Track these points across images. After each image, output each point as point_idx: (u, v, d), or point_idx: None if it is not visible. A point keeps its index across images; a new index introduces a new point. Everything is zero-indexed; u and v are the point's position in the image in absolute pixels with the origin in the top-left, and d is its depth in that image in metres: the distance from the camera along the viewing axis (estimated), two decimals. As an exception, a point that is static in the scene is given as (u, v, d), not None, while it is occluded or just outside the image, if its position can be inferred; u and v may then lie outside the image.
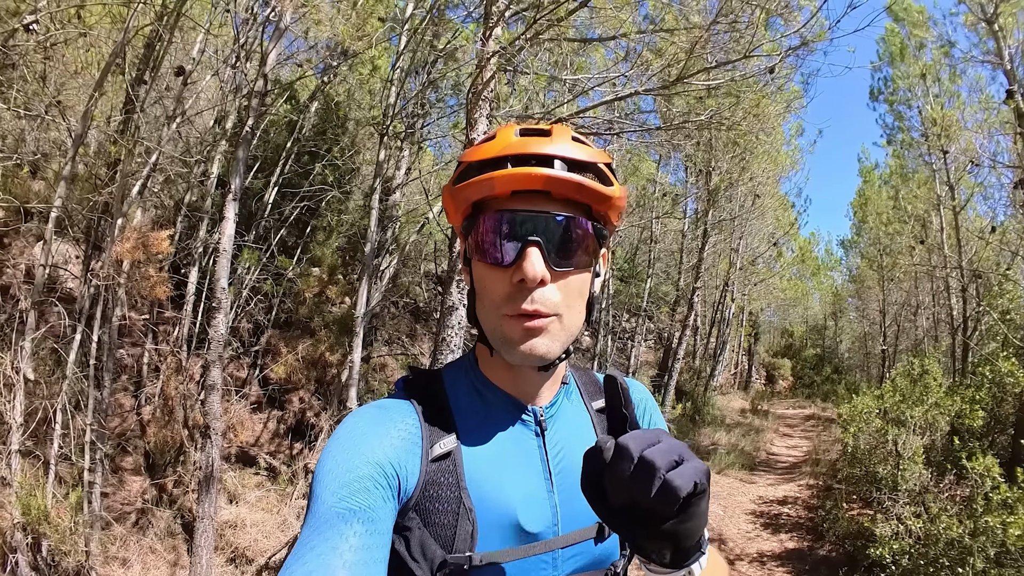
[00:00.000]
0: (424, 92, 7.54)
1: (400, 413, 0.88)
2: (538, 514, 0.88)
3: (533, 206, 0.84)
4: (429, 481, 0.83)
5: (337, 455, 0.80)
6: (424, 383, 0.95)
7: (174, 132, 7.04)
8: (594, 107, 6.28)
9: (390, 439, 0.84)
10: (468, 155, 0.87)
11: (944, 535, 5.32)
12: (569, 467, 0.93)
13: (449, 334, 5.43)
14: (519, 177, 0.82)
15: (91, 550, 5.39)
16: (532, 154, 0.82)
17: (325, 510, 0.74)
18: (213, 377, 5.29)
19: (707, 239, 12.67)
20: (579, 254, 0.86)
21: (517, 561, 0.85)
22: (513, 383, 0.93)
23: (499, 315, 0.85)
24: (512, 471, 0.89)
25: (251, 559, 6.10)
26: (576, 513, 0.90)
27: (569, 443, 0.95)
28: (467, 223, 0.88)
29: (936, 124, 10.92)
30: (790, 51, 5.61)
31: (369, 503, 0.76)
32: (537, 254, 0.82)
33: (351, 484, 0.76)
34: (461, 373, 0.97)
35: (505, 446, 0.90)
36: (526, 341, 0.83)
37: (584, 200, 0.85)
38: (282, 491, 6.93)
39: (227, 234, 5.27)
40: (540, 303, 0.82)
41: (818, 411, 19.19)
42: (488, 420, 0.92)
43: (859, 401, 7.98)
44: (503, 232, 0.84)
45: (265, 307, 8.57)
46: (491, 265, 0.85)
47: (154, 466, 6.69)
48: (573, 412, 1.00)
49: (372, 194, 6.96)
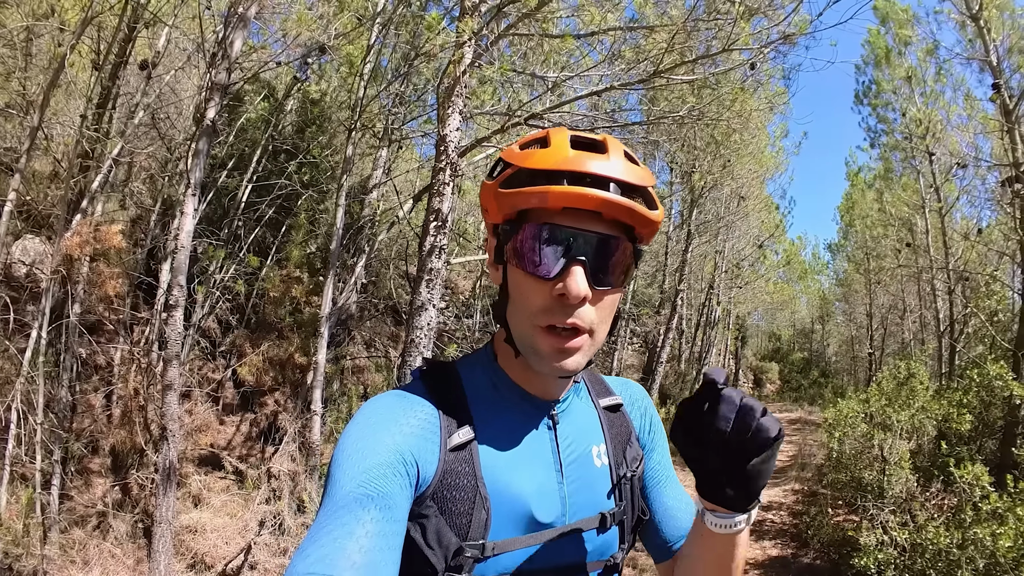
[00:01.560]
0: (401, 87, 7.39)
1: (418, 402, 0.90)
2: (549, 505, 0.92)
3: (582, 224, 0.84)
4: (447, 471, 0.85)
5: (357, 440, 0.82)
6: (440, 374, 0.97)
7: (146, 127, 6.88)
8: (571, 101, 6.15)
9: (409, 427, 0.86)
10: (519, 159, 0.87)
11: (931, 545, 5.16)
12: (578, 459, 0.98)
13: (418, 335, 5.28)
14: (575, 196, 0.82)
15: (48, 553, 5.24)
16: (588, 173, 0.82)
17: (343, 495, 0.75)
18: (170, 376, 5.11)
19: (691, 241, 12.56)
20: (618, 274, 0.88)
21: (527, 548, 0.89)
22: (530, 381, 0.96)
23: (532, 324, 0.87)
24: (526, 463, 0.92)
25: (210, 565, 5.91)
26: (582, 504, 0.95)
27: (578, 437, 0.99)
28: (508, 226, 0.89)
29: (921, 125, 10.86)
30: (770, 44, 5.51)
31: (386, 489, 0.77)
32: (581, 273, 0.83)
33: (369, 470, 0.78)
34: (478, 367, 0.99)
35: (519, 439, 0.94)
36: (559, 359, 0.86)
37: (631, 223, 0.87)
38: (247, 495, 6.73)
39: (185, 230, 5.08)
40: (578, 319, 0.85)
41: (805, 415, 19.11)
42: (503, 413, 0.95)
43: (844, 405, 7.85)
44: (550, 246, 0.85)
45: (235, 307, 8.38)
46: (531, 275, 0.86)
47: (118, 468, 6.50)
48: (582, 409, 1.04)
49: (339, 190, 6.80)
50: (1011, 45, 8.34)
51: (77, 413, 6.30)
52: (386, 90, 7.38)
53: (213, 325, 8.26)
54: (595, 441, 1.01)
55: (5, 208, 5.17)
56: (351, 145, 6.87)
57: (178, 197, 7.57)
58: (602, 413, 1.06)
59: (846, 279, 22.21)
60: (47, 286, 5.35)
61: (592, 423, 1.03)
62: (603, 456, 1.01)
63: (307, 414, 6.66)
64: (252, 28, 6.85)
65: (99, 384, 6.86)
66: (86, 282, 5.85)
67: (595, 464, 0.99)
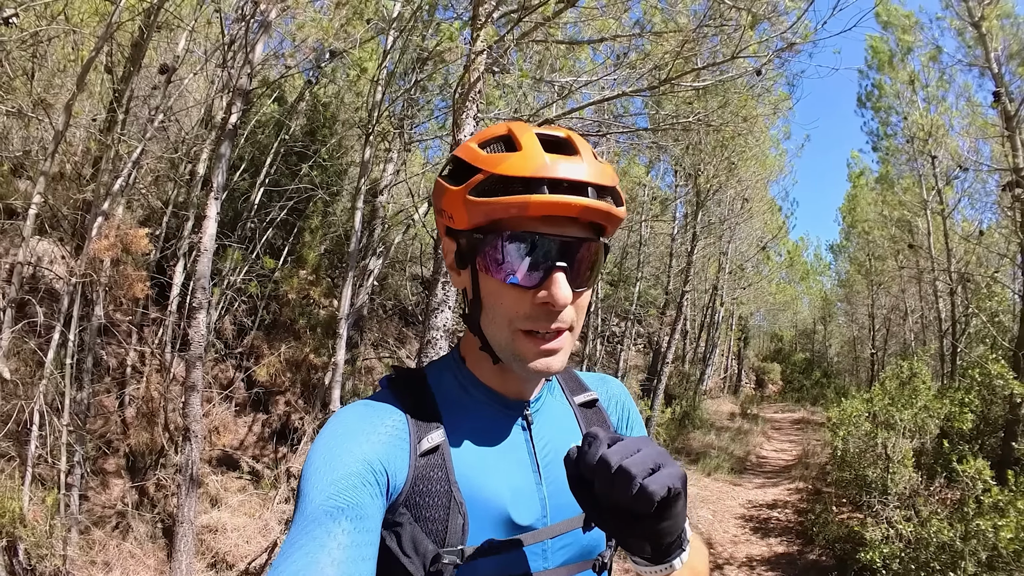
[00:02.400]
0: (412, 92, 7.49)
1: (386, 410, 0.89)
2: (528, 506, 0.89)
3: (561, 230, 0.84)
4: (418, 476, 0.84)
5: (324, 453, 0.80)
6: (409, 380, 0.96)
7: (159, 130, 6.96)
8: (582, 108, 6.26)
9: (377, 436, 0.84)
10: (488, 163, 0.84)
11: (935, 539, 5.27)
12: (556, 460, 0.95)
13: (434, 336, 5.36)
14: (557, 205, 0.80)
15: (69, 554, 5.30)
16: (566, 179, 0.81)
17: (313, 508, 0.74)
18: (193, 378, 5.20)
19: (696, 243, 12.66)
20: (593, 273, 0.89)
21: (508, 553, 0.86)
22: (503, 382, 0.95)
23: (512, 330, 0.86)
24: (501, 464, 0.90)
25: (232, 564, 5.99)
26: (564, 504, 0.92)
27: (554, 436, 0.98)
28: (480, 235, 0.86)
29: (924, 130, 10.97)
30: (776, 52, 5.61)
31: (357, 500, 0.76)
32: (564, 279, 0.83)
33: (339, 482, 0.77)
34: (446, 371, 0.98)
35: (493, 440, 0.92)
36: (542, 360, 0.86)
37: (603, 223, 0.87)
38: (264, 495, 6.82)
39: (208, 233, 5.19)
40: (562, 321, 0.85)
41: (807, 415, 19.23)
42: (475, 415, 0.93)
43: (848, 404, 7.96)
44: (531, 255, 0.83)
45: (250, 308, 8.47)
46: (510, 285, 0.85)
47: (135, 469, 6.58)
48: (557, 407, 1.02)
49: (357, 194, 6.90)
50: (1011, 51, 8.46)
51: (91, 414, 6.37)
52: (401, 95, 7.47)
53: (228, 326, 8.36)
54: (572, 439, 0.98)
55: (31, 212, 5.26)
56: (368, 148, 6.97)
57: (190, 199, 7.66)
58: (577, 410, 1.04)
59: (848, 280, 22.29)
60: (73, 288, 5.43)
61: (568, 421, 1.02)
62: None
63: (325, 414, 6.76)
64: (276, 39, 6.96)
65: (111, 386, 6.94)
66: (108, 284, 5.93)
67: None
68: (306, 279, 8.43)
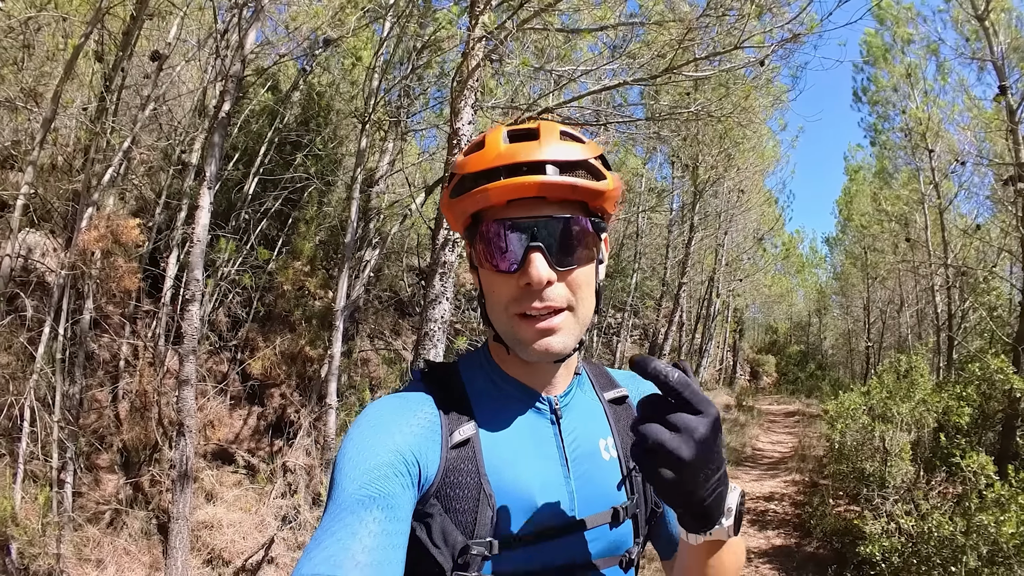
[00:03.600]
0: (409, 81, 7.38)
1: (419, 402, 0.91)
2: (556, 499, 0.90)
3: (531, 212, 0.86)
4: (449, 468, 0.85)
5: (358, 443, 0.82)
6: (441, 374, 0.98)
7: (151, 119, 6.84)
8: (580, 97, 6.17)
9: (410, 427, 0.86)
10: (461, 166, 0.89)
11: (936, 533, 5.26)
12: (584, 454, 0.96)
13: (431, 328, 5.30)
14: (512, 187, 0.83)
15: (63, 552, 5.24)
16: (523, 162, 0.83)
17: (345, 497, 0.76)
18: (187, 371, 5.12)
19: (693, 234, 12.62)
20: (580, 250, 0.88)
21: (536, 545, 0.87)
22: (529, 375, 0.96)
23: (509, 315, 0.88)
24: (530, 458, 0.91)
25: (228, 560, 5.92)
26: (592, 498, 0.93)
27: (583, 431, 0.98)
28: (469, 232, 0.91)
29: (921, 123, 10.93)
30: (780, 44, 5.53)
31: (389, 490, 0.77)
32: (540, 258, 0.84)
33: (371, 472, 0.78)
34: (476, 366, 1.00)
35: (522, 434, 0.93)
36: (540, 341, 0.86)
37: (579, 198, 0.87)
38: (260, 489, 6.75)
39: (201, 223, 5.09)
40: (550, 300, 0.85)
41: (802, 407, 19.25)
42: (505, 409, 0.95)
43: (846, 398, 7.95)
44: (504, 240, 0.86)
45: (244, 300, 8.37)
46: (497, 272, 0.87)
47: (129, 464, 6.50)
48: (586, 402, 1.03)
49: (353, 185, 6.80)
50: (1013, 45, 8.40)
51: (84, 409, 6.28)
52: (397, 83, 7.37)
53: (223, 318, 8.26)
54: (602, 434, 1.00)
55: (18, 202, 5.15)
56: (364, 138, 6.87)
57: (184, 189, 7.54)
58: (607, 406, 1.05)
59: (843, 273, 22.34)
60: (63, 282, 5.33)
61: (597, 416, 1.02)
62: (611, 449, 1.00)
63: (321, 407, 6.68)
64: (270, 26, 6.84)
65: (105, 380, 6.84)
66: (99, 276, 5.83)
67: (603, 457, 0.98)
68: (301, 270, 8.33)
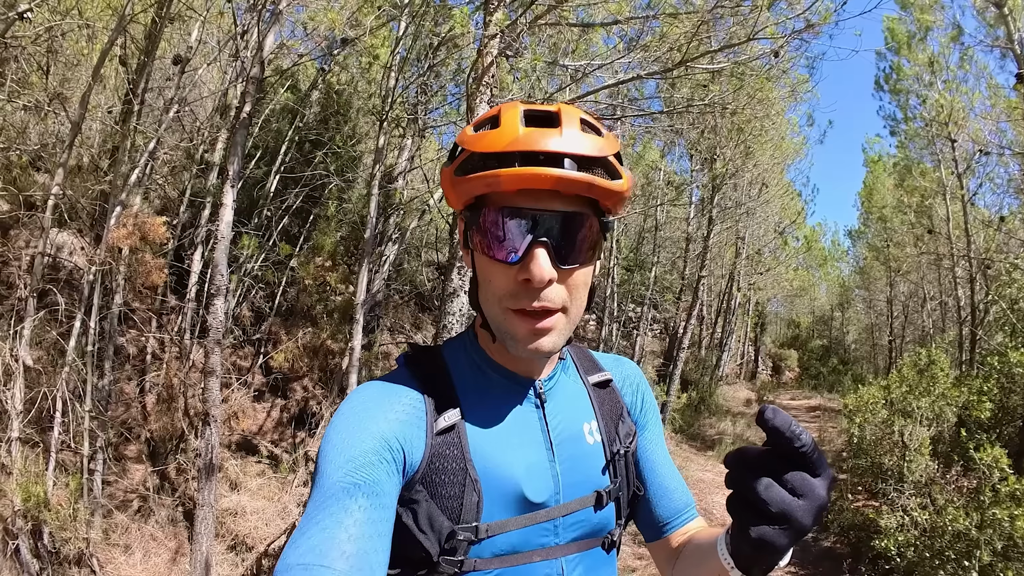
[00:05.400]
0: (426, 78, 7.47)
1: (403, 389, 0.90)
2: (541, 484, 0.90)
3: (542, 204, 0.82)
4: (435, 454, 0.85)
5: (342, 431, 0.81)
6: (425, 359, 0.96)
7: (174, 120, 7.01)
8: (596, 92, 6.21)
9: (394, 413, 0.85)
10: (471, 142, 0.84)
11: (950, 527, 5.24)
12: (568, 438, 0.96)
13: (450, 321, 5.39)
14: (527, 177, 0.79)
15: (92, 537, 5.41)
16: (540, 151, 0.79)
17: (330, 485, 0.75)
18: (212, 363, 5.27)
19: (712, 227, 12.56)
20: (586, 250, 0.85)
21: (522, 529, 0.88)
22: (513, 360, 0.95)
23: (502, 308, 0.85)
24: (515, 442, 0.91)
25: (251, 546, 6.10)
26: (576, 482, 0.94)
27: (567, 415, 0.98)
28: (469, 212, 0.87)
29: (943, 112, 10.76)
30: (794, 34, 5.52)
31: (374, 477, 0.77)
32: (544, 255, 0.81)
33: (356, 459, 0.77)
34: (461, 350, 0.99)
35: (507, 418, 0.93)
36: (532, 340, 0.84)
37: (593, 196, 0.83)
38: (283, 479, 6.92)
39: (225, 220, 5.23)
40: (547, 300, 0.83)
41: (824, 402, 19.04)
42: (490, 394, 0.94)
43: (865, 392, 7.90)
44: (509, 230, 0.82)
45: (267, 295, 8.55)
46: (495, 260, 0.84)
47: (156, 454, 6.69)
48: (571, 386, 1.03)
49: (372, 181, 6.92)
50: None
51: (113, 401, 6.48)
52: (415, 81, 7.46)
53: (246, 312, 8.45)
54: (586, 418, 1.00)
55: (50, 202, 5.33)
56: (383, 135, 6.97)
57: (208, 187, 7.73)
58: (591, 390, 1.04)
59: (866, 267, 22.03)
60: (93, 278, 5.51)
61: (581, 400, 1.02)
62: (595, 433, 0.99)
63: (342, 399, 6.82)
64: (288, 27, 6.96)
65: (132, 372, 7.05)
66: (127, 273, 6.01)
67: (587, 441, 0.98)
68: (322, 265, 8.49)
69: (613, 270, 13.14)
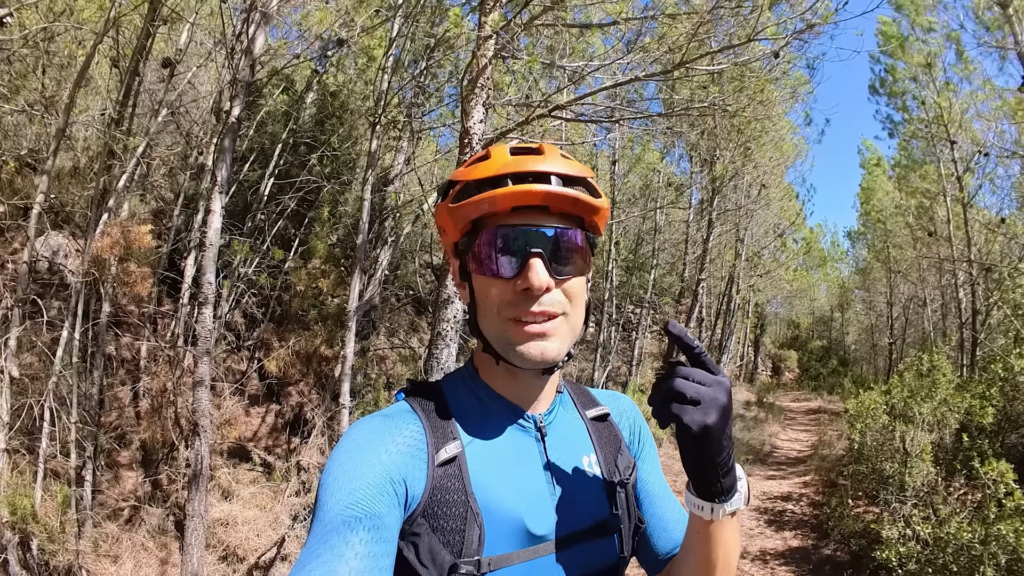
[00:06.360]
0: (421, 80, 7.37)
1: (404, 421, 0.91)
2: (543, 517, 0.91)
3: (532, 221, 0.88)
4: (436, 487, 0.85)
5: (343, 463, 0.82)
6: (424, 392, 0.98)
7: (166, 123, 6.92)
8: (594, 93, 6.10)
9: (396, 447, 0.86)
10: (463, 174, 0.92)
11: (953, 541, 5.14)
12: (569, 471, 0.98)
13: (444, 327, 5.31)
14: (520, 194, 0.86)
15: (81, 548, 5.34)
16: (529, 171, 0.87)
17: (331, 517, 0.75)
18: (201, 372, 5.17)
19: (712, 229, 12.47)
20: (577, 261, 0.91)
21: (525, 563, 0.88)
22: (514, 390, 0.97)
23: (503, 319, 0.88)
24: (516, 475, 0.92)
25: (242, 557, 6.01)
26: (577, 514, 0.95)
27: (568, 448, 1.00)
28: (466, 239, 0.92)
29: (943, 114, 10.66)
30: (795, 34, 5.43)
31: (375, 510, 0.77)
32: (540, 264, 0.86)
33: (356, 492, 0.78)
34: (460, 383, 1.00)
35: (508, 451, 0.93)
36: (536, 347, 0.87)
37: (578, 213, 0.91)
38: (276, 487, 6.83)
39: (213, 227, 5.12)
40: (546, 306, 0.87)
41: (824, 403, 19.01)
42: (490, 426, 0.95)
43: (866, 397, 7.81)
44: (505, 246, 0.88)
45: (260, 301, 8.45)
46: (494, 277, 0.88)
47: (148, 461, 6.60)
48: (569, 420, 1.04)
49: (364, 185, 6.82)
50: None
51: (104, 408, 6.39)
52: (409, 82, 7.36)
53: (238, 319, 8.35)
54: (584, 451, 1.01)
55: (34, 211, 5.23)
56: (375, 139, 6.88)
57: (200, 191, 7.62)
58: (589, 423, 1.06)
59: (866, 268, 21.98)
60: (78, 287, 5.41)
61: (580, 433, 1.04)
62: (594, 466, 1.01)
63: (335, 407, 6.73)
64: (283, 28, 6.86)
65: (125, 379, 6.96)
66: (114, 280, 5.91)
67: (587, 474, 0.99)
68: (317, 270, 8.40)
69: (612, 272, 13.03)
